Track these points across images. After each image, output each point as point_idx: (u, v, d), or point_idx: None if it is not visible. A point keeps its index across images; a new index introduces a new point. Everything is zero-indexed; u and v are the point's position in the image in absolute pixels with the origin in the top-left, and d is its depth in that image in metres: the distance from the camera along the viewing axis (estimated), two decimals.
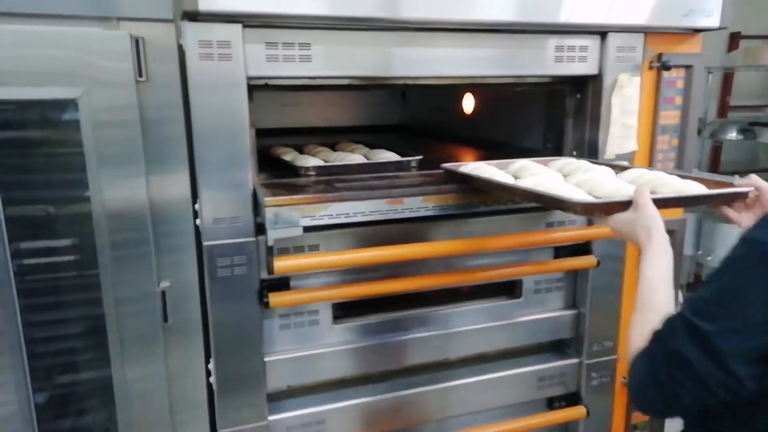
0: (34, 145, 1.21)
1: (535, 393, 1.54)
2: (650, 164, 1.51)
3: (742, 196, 1.03)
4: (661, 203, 0.93)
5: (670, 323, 0.76)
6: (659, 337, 0.77)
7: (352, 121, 2.44)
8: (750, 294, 0.69)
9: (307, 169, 1.38)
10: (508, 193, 1.16)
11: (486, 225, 1.36)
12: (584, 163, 1.28)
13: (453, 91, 2.07)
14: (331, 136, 1.94)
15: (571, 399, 1.58)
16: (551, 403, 1.59)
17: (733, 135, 3.49)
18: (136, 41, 1.10)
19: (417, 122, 2.45)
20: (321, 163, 1.43)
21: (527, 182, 1.11)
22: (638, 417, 1.72)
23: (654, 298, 0.84)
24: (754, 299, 0.68)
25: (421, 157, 1.49)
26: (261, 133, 1.95)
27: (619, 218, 0.94)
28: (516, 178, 1.22)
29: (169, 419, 1.28)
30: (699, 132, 3.62)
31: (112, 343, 1.21)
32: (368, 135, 1.98)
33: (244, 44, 1.12)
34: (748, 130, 3.45)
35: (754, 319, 0.69)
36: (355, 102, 2.46)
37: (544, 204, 1.06)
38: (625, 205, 0.94)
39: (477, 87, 1.92)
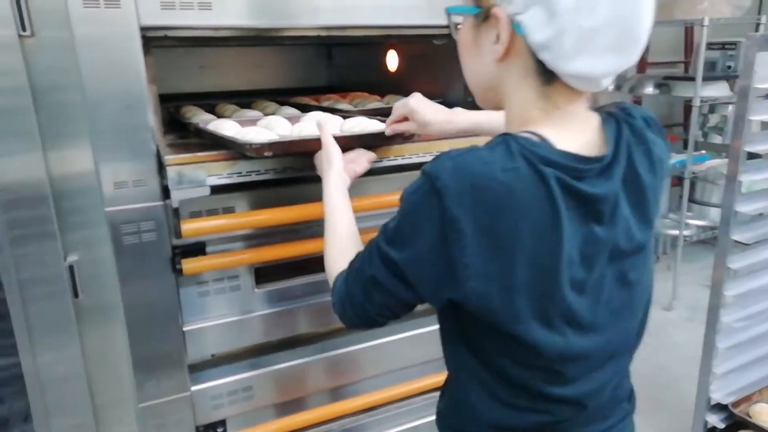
0: None
1: None
2: None
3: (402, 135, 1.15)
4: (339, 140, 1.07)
5: (368, 249, 0.79)
6: (358, 263, 0.81)
7: (278, 83, 2.36)
8: (421, 225, 0.69)
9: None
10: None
11: (404, 181, 1.34)
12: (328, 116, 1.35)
13: (377, 48, 2.02)
14: (256, 99, 1.86)
15: None
16: None
17: (650, 90, 3.63)
18: None
19: (344, 82, 2.39)
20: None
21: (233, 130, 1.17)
22: None
23: (335, 219, 0.94)
24: (423, 230, 0.69)
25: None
26: (179, 98, 1.86)
27: (316, 156, 1.09)
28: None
29: (90, 403, 1.22)
30: (620, 87, 3.75)
31: (18, 327, 1.12)
32: (295, 97, 1.91)
33: None
34: (663, 84, 3.60)
35: (422, 249, 0.70)
36: (280, 63, 2.36)
37: (233, 148, 1.10)
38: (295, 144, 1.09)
39: (396, 40, 1.88)
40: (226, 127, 1.20)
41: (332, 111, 1.50)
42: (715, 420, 1.76)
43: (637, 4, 0.65)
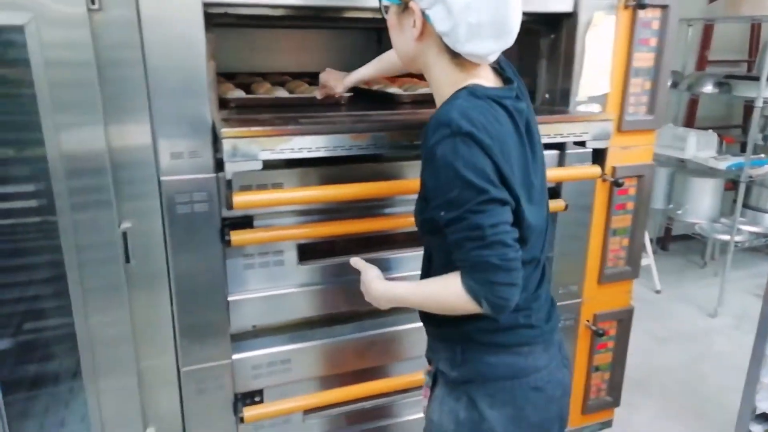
0: None
1: None
2: (622, 107, 1.50)
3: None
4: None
5: (462, 237, 0.88)
6: (467, 248, 0.88)
7: (327, 66, 2.37)
8: (479, 164, 0.85)
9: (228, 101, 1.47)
10: None
11: None
12: None
13: None
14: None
15: None
16: None
17: (708, 88, 3.47)
18: None
19: None
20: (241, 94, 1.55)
21: None
22: (600, 359, 1.76)
23: (411, 297, 1.02)
24: (482, 166, 0.85)
25: (351, 94, 1.52)
26: (230, 77, 1.90)
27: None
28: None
29: (135, 364, 1.27)
30: (676, 85, 3.60)
31: (73, 289, 1.18)
32: None
33: None
34: (723, 83, 3.44)
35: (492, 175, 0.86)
36: (330, 47, 2.38)
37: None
38: None
39: None
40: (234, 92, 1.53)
41: (383, 95, 1.51)
42: (759, 430, 1.70)
43: (509, 6, 0.90)
